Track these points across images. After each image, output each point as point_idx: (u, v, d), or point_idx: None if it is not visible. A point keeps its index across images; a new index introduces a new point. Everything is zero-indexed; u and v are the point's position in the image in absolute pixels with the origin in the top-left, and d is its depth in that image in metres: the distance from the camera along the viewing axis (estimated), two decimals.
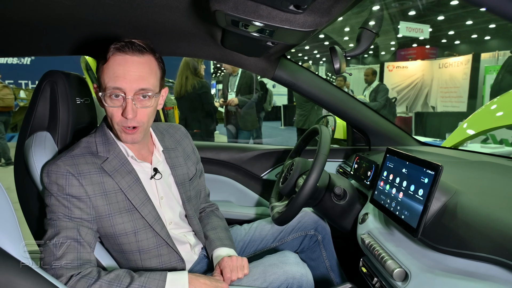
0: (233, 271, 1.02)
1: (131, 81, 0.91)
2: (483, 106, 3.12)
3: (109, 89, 0.91)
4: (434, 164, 0.79)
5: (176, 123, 1.28)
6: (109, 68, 0.91)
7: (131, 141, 0.96)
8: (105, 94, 0.92)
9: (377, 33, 1.21)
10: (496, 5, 0.55)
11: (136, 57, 0.92)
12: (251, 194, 1.80)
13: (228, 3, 0.82)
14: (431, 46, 13.54)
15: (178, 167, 1.14)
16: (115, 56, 0.91)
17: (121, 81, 0.90)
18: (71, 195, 0.91)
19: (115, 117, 0.94)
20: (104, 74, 0.92)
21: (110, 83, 0.91)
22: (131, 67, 0.91)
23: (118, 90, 0.91)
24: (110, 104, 0.93)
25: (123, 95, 0.91)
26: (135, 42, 0.93)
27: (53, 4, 0.99)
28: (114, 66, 0.91)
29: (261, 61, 1.47)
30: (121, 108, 0.92)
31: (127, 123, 0.93)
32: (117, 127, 0.95)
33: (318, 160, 1.09)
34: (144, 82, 0.92)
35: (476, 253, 0.69)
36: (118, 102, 0.92)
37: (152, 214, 1.01)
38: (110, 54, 0.91)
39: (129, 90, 0.91)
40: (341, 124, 1.90)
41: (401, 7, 10.59)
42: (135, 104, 0.92)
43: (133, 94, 0.91)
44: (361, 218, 1.14)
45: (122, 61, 0.91)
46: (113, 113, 0.93)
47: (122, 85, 0.90)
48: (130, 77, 0.91)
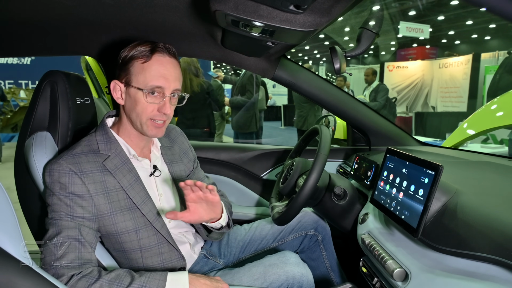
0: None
1: (171, 81, 0.99)
2: (483, 106, 3.12)
3: (151, 87, 0.96)
4: (434, 164, 0.79)
5: (170, 124, 1.28)
6: (151, 67, 0.97)
7: (159, 134, 1.02)
8: (146, 91, 0.97)
9: (377, 33, 1.21)
10: (496, 5, 0.55)
11: (174, 59, 1.01)
12: (251, 194, 1.80)
13: (228, 3, 0.82)
14: (431, 46, 13.53)
15: (175, 163, 1.16)
16: (158, 56, 0.98)
17: (163, 81, 0.97)
18: (73, 193, 0.92)
19: (149, 112, 0.98)
20: (146, 72, 0.97)
21: (153, 81, 0.96)
22: (172, 69, 0.99)
23: (159, 88, 0.97)
24: (149, 101, 0.97)
25: (163, 92, 0.98)
26: (172, 47, 1.02)
27: (53, 4, 0.99)
28: (158, 65, 0.97)
29: (261, 61, 1.47)
30: (158, 105, 0.98)
31: (160, 117, 1.00)
32: (146, 122, 0.99)
33: (318, 160, 1.09)
34: (179, 82, 1.02)
35: (476, 253, 0.69)
36: (156, 99, 0.98)
37: (153, 212, 1.02)
38: (153, 54, 0.97)
39: (168, 89, 0.98)
40: (341, 124, 1.90)
41: (401, 7, 10.59)
42: (170, 101, 1.00)
43: (170, 93, 0.99)
44: (361, 218, 1.14)
45: (165, 62, 0.98)
46: (148, 109, 0.98)
47: (164, 85, 0.97)
48: (171, 77, 0.99)
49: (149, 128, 1.00)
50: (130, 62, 0.97)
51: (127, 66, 0.98)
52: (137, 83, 0.97)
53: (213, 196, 0.97)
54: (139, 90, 0.96)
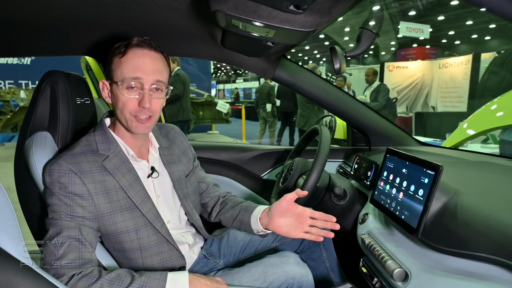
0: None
1: (149, 73, 0.96)
2: (483, 106, 3.12)
3: (128, 79, 0.95)
4: (434, 164, 0.79)
5: (168, 124, 1.28)
6: (128, 60, 0.95)
7: (143, 130, 0.99)
8: (123, 85, 0.95)
9: (377, 33, 1.21)
10: (496, 5, 0.55)
11: (153, 52, 0.98)
12: (251, 194, 1.80)
13: (228, 3, 0.82)
14: (431, 46, 13.54)
15: (173, 164, 1.15)
16: (134, 50, 0.96)
17: (140, 71, 0.95)
18: (73, 193, 0.92)
19: (130, 107, 0.96)
20: (122, 66, 0.96)
21: (129, 73, 0.95)
22: (150, 60, 0.97)
23: (137, 80, 0.95)
24: (127, 94, 0.96)
25: (141, 85, 0.95)
26: (151, 40, 0.99)
27: (53, 4, 0.99)
28: (133, 58, 0.95)
29: (261, 61, 1.47)
30: (137, 98, 0.96)
31: (142, 112, 0.96)
32: (130, 117, 0.98)
33: (318, 160, 1.09)
34: (160, 74, 0.98)
35: (476, 253, 0.69)
36: (135, 92, 0.96)
37: (152, 212, 1.02)
38: (128, 48, 0.96)
39: (147, 81, 0.95)
40: (341, 124, 1.90)
41: (401, 7, 10.59)
42: (151, 94, 0.97)
43: (150, 85, 0.96)
44: (361, 218, 1.14)
45: (141, 54, 0.96)
46: (128, 103, 0.96)
47: (141, 75, 0.95)
48: (149, 68, 0.96)
49: (133, 125, 0.98)
50: (111, 59, 0.99)
51: (109, 64, 0.99)
52: (116, 78, 0.97)
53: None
54: (118, 85, 0.96)
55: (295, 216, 1.02)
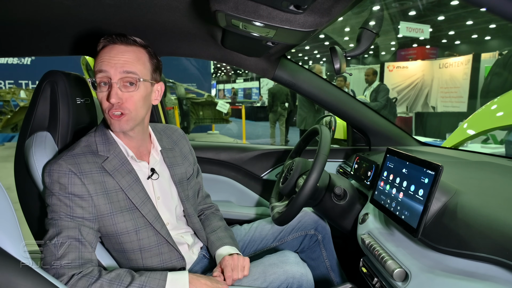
0: (234, 270, 1.02)
1: (115, 65, 0.93)
2: (483, 106, 3.12)
3: (97, 75, 0.94)
4: (434, 164, 0.79)
5: (173, 125, 1.28)
6: (98, 57, 0.95)
7: (119, 128, 0.96)
8: (96, 82, 0.95)
9: (377, 33, 1.21)
10: (496, 5, 0.55)
11: (124, 46, 0.96)
12: (251, 194, 1.80)
13: (228, 3, 0.82)
14: (431, 46, 13.54)
15: (176, 166, 1.15)
16: (103, 47, 0.96)
17: (106, 64, 0.93)
18: (73, 194, 0.91)
19: (103, 104, 0.95)
20: (95, 63, 0.96)
21: (97, 67, 0.94)
22: (117, 54, 0.94)
23: (103, 73, 0.93)
24: (99, 91, 0.95)
25: (109, 79, 0.93)
26: (126, 35, 0.97)
27: (53, 4, 0.99)
28: (102, 54, 0.95)
29: (261, 61, 1.47)
30: (107, 94, 0.93)
31: (113, 108, 0.94)
32: (106, 116, 0.97)
33: (318, 160, 1.09)
34: (129, 65, 0.94)
35: (476, 253, 0.69)
36: (104, 87, 0.94)
37: (152, 213, 1.02)
38: (100, 46, 0.96)
39: (114, 73, 0.92)
40: (341, 124, 1.90)
41: (401, 7, 10.59)
42: (120, 89, 0.93)
43: (119, 79, 0.93)
44: (361, 218, 1.14)
45: (109, 50, 0.95)
46: (102, 101, 0.95)
47: (106, 68, 0.92)
48: (115, 61, 0.93)
49: (110, 122, 0.96)
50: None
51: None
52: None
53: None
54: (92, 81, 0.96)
55: None
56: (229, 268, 1.02)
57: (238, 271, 1.02)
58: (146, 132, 1.08)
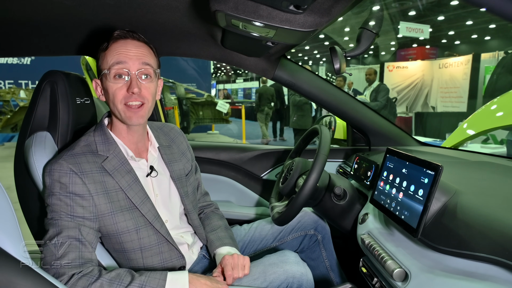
0: (235, 268, 1.02)
1: (133, 57, 0.96)
2: (483, 106, 3.13)
3: (113, 66, 0.95)
4: (434, 164, 0.79)
5: (170, 123, 1.28)
6: (111, 51, 0.97)
7: (137, 120, 0.98)
8: (110, 74, 0.96)
9: (377, 33, 1.21)
10: (496, 5, 0.55)
11: (136, 41, 0.99)
12: (251, 194, 1.80)
13: (228, 3, 0.82)
14: (431, 46, 13.53)
15: (174, 162, 1.16)
16: (116, 41, 0.97)
17: (124, 56, 0.95)
18: (74, 193, 0.92)
19: (119, 95, 0.96)
20: (106, 57, 0.97)
21: (113, 59, 0.95)
22: (132, 47, 0.97)
23: (122, 65, 0.95)
24: (115, 82, 0.96)
25: (127, 71, 0.95)
26: (136, 32, 1.01)
27: (53, 4, 0.99)
28: (116, 47, 0.97)
29: (261, 61, 1.47)
30: (126, 84, 0.96)
31: (132, 98, 0.96)
32: (122, 108, 0.97)
33: (318, 160, 1.09)
34: (146, 57, 0.98)
35: (476, 253, 0.69)
36: (122, 79, 0.96)
37: (152, 212, 1.02)
38: (112, 41, 0.97)
39: (133, 65, 0.96)
40: (341, 124, 1.90)
41: (401, 7, 10.59)
42: (138, 79, 0.97)
43: (136, 71, 0.96)
44: (361, 218, 1.14)
45: (123, 44, 0.97)
46: (117, 92, 0.96)
47: (125, 59, 0.95)
48: (133, 54, 0.97)
49: (126, 115, 0.97)
50: (98, 57, 1.00)
51: (97, 61, 1.01)
52: (103, 69, 0.98)
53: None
54: (106, 75, 0.97)
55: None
56: (229, 267, 1.02)
57: (238, 270, 1.02)
58: (145, 128, 1.10)
